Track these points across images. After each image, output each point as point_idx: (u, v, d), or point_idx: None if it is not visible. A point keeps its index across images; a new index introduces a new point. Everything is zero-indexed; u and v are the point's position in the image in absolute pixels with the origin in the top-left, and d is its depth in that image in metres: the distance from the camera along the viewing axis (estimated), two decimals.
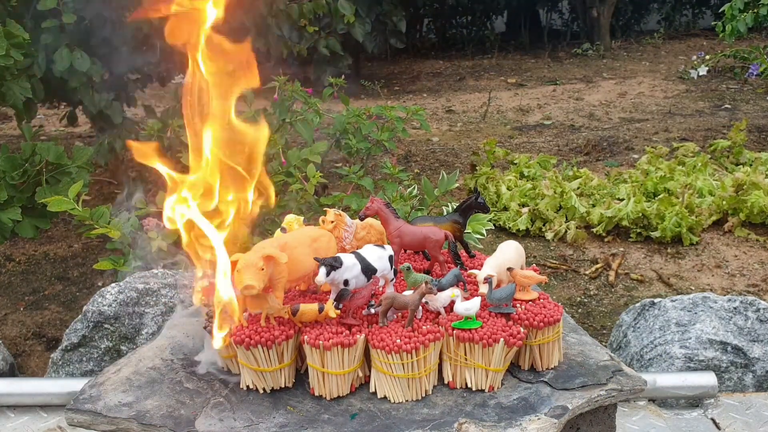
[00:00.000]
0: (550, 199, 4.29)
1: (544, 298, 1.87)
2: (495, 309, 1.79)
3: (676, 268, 3.78)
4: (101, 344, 2.83)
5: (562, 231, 4.13)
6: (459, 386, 1.73)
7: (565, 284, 3.69)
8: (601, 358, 1.85)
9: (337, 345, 1.67)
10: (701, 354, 2.74)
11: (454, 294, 1.78)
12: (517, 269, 1.90)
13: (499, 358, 1.70)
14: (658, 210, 4.06)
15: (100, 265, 3.01)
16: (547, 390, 1.72)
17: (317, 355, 1.68)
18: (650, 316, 2.88)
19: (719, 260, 3.84)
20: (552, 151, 5.72)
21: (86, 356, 2.84)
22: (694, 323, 2.79)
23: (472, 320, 1.73)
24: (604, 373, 1.78)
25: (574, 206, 4.23)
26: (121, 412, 1.70)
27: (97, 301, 2.85)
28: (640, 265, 3.83)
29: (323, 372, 1.68)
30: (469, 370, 1.71)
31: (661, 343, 2.78)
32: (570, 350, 1.88)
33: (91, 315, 2.83)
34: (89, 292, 3.53)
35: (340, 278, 1.75)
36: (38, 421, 2.68)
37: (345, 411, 1.66)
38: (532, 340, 1.77)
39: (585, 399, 1.69)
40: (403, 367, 1.66)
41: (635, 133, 6.09)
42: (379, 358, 1.67)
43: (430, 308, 1.82)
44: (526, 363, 1.80)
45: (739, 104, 6.96)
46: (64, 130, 6.42)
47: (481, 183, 4.65)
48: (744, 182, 4.21)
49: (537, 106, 7.34)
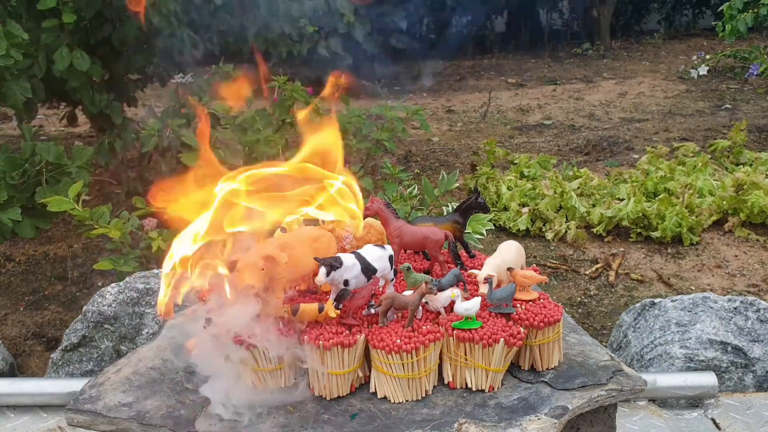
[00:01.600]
0: (550, 199, 4.29)
1: (545, 298, 1.87)
2: (495, 309, 1.79)
3: (677, 268, 3.78)
4: (101, 344, 2.83)
5: (562, 231, 4.13)
6: (459, 386, 1.73)
7: (566, 284, 3.69)
8: (602, 358, 1.85)
9: (337, 345, 1.67)
10: (701, 354, 2.74)
11: (455, 294, 1.78)
12: (517, 269, 1.90)
13: (499, 358, 1.70)
14: (658, 210, 4.06)
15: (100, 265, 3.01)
16: (547, 390, 1.72)
17: (317, 355, 1.68)
18: (650, 316, 2.88)
19: (719, 260, 3.84)
20: (552, 151, 5.72)
21: (86, 356, 2.85)
22: (695, 323, 2.79)
23: (472, 320, 1.73)
24: (605, 373, 1.78)
25: (575, 206, 4.23)
26: (121, 412, 1.70)
27: (97, 301, 2.84)
28: (640, 265, 3.84)
29: (323, 372, 1.69)
30: (469, 370, 1.71)
31: (661, 343, 2.78)
32: (570, 350, 1.88)
33: (91, 315, 2.83)
34: (89, 292, 3.53)
35: (340, 278, 1.75)
36: (38, 422, 2.68)
37: (345, 411, 1.66)
38: (533, 340, 1.77)
39: (585, 399, 1.69)
40: (403, 367, 1.66)
41: (635, 133, 6.09)
42: (379, 358, 1.67)
43: (430, 308, 1.82)
44: (526, 363, 1.80)
45: (739, 104, 6.96)
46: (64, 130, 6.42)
47: (481, 183, 4.64)
48: (744, 182, 4.21)
49: (537, 106, 7.34)
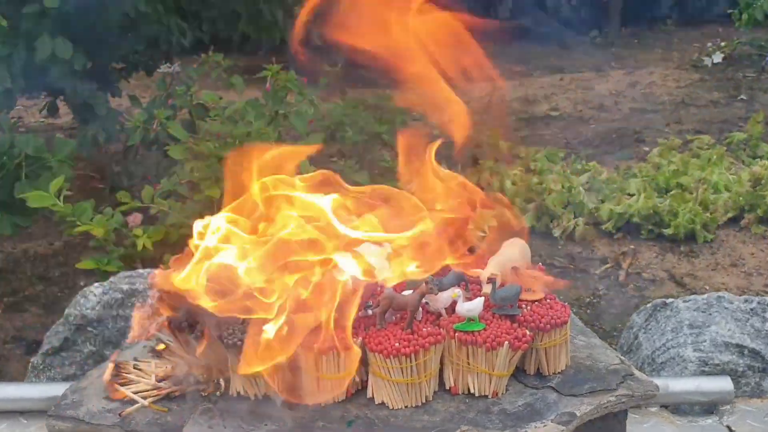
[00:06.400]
0: (557, 194, 4.28)
1: (551, 299, 1.86)
2: (499, 310, 1.79)
3: (690, 267, 3.78)
4: (84, 348, 2.82)
5: (570, 228, 4.12)
6: (461, 392, 1.73)
7: (574, 284, 3.69)
8: (611, 361, 1.85)
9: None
10: (716, 357, 2.73)
11: (456, 294, 1.78)
12: (522, 268, 1.90)
13: (504, 361, 1.70)
14: (670, 206, 4.05)
15: (82, 264, 3.01)
16: (553, 396, 1.72)
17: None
18: (662, 318, 2.88)
19: (735, 258, 3.83)
20: (559, 144, 5.71)
21: (68, 360, 2.84)
22: (709, 325, 2.79)
23: (474, 322, 1.73)
24: (614, 377, 1.78)
25: (583, 202, 4.22)
26: (105, 418, 1.69)
27: (79, 303, 2.83)
28: (651, 264, 3.83)
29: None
30: (472, 375, 1.71)
31: (673, 345, 2.78)
32: (578, 353, 1.88)
33: (73, 317, 2.82)
34: (71, 293, 3.51)
35: None
36: (18, 428, 2.67)
37: (341, 418, 1.66)
38: (539, 343, 1.76)
39: (594, 405, 1.69)
40: (402, 371, 1.65)
41: (646, 125, 6.09)
42: (376, 362, 1.67)
43: (430, 309, 1.82)
44: (532, 367, 1.80)
45: (756, 94, 6.95)
46: (45, 122, 6.40)
47: (485, 177, 4.64)
48: (761, 176, 4.20)
49: (543, 96, 7.33)
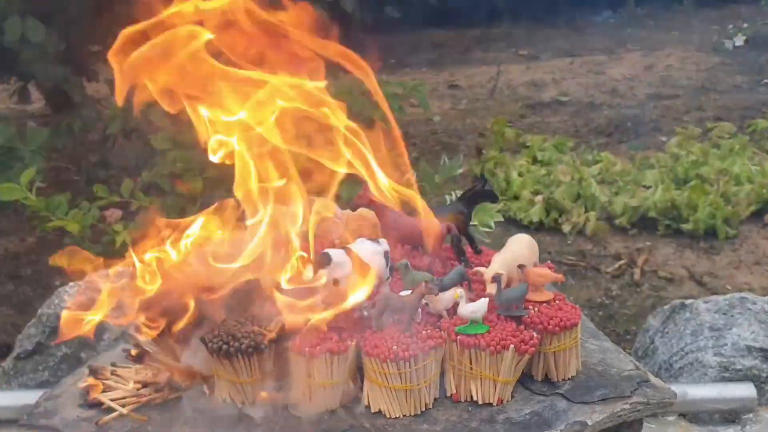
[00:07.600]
0: (566, 186, 4.29)
1: (560, 299, 1.87)
2: (504, 311, 1.79)
3: (710, 265, 3.79)
4: (58, 352, 2.83)
5: (580, 223, 4.13)
6: (463, 399, 1.73)
7: (584, 283, 3.70)
8: (625, 367, 1.85)
9: (326, 352, 1.66)
10: (738, 362, 2.74)
11: (458, 294, 1.78)
12: (529, 266, 1.90)
13: (509, 367, 1.70)
14: (689, 199, 4.06)
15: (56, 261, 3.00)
16: (563, 403, 1.72)
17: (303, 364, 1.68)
18: (680, 320, 2.89)
19: (759, 256, 3.84)
20: (569, 132, 5.72)
21: (41, 365, 2.84)
22: (731, 327, 2.80)
23: (478, 324, 1.73)
24: (628, 384, 1.78)
25: (595, 195, 4.23)
26: (80, 427, 1.70)
27: (53, 303, 2.84)
28: (669, 262, 3.84)
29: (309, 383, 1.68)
30: (475, 381, 1.71)
31: (692, 350, 2.79)
32: (590, 358, 1.88)
33: (46, 319, 2.82)
34: (45, 293, 3.51)
35: (330, 276, 1.75)
36: None
37: (334, 428, 1.66)
38: (547, 347, 1.77)
39: (606, 414, 1.69)
40: (400, 377, 1.65)
41: (663, 112, 6.10)
42: (373, 367, 1.67)
43: (430, 311, 1.82)
44: (540, 373, 1.80)
45: None
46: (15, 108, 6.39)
47: (489, 168, 4.64)
48: None
49: (552, 81, 7.33)
